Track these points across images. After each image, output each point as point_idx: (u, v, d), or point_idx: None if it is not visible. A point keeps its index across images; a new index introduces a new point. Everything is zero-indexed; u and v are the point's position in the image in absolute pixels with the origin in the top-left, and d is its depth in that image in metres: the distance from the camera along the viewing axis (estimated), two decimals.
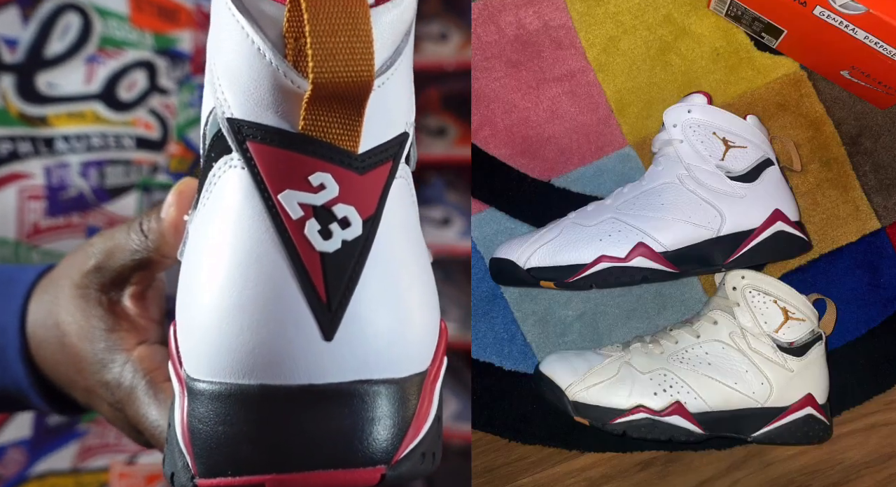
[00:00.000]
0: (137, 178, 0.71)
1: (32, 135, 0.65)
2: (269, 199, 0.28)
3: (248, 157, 0.28)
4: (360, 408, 0.28)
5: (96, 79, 0.68)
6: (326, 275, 0.28)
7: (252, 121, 0.28)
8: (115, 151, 0.69)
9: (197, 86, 0.77)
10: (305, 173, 0.28)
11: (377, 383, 0.28)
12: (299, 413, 0.27)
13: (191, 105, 0.76)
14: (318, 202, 0.28)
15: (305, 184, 0.28)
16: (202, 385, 0.28)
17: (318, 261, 0.28)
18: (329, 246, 0.28)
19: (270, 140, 0.28)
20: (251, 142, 0.28)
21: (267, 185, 0.28)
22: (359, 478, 0.28)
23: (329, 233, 0.28)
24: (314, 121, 0.27)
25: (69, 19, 0.66)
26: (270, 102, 0.27)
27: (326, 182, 0.28)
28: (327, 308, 0.28)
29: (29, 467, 0.69)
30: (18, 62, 0.64)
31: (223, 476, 0.28)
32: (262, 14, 0.27)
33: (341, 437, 0.28)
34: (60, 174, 0.67)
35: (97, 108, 0.68)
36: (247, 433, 0.27)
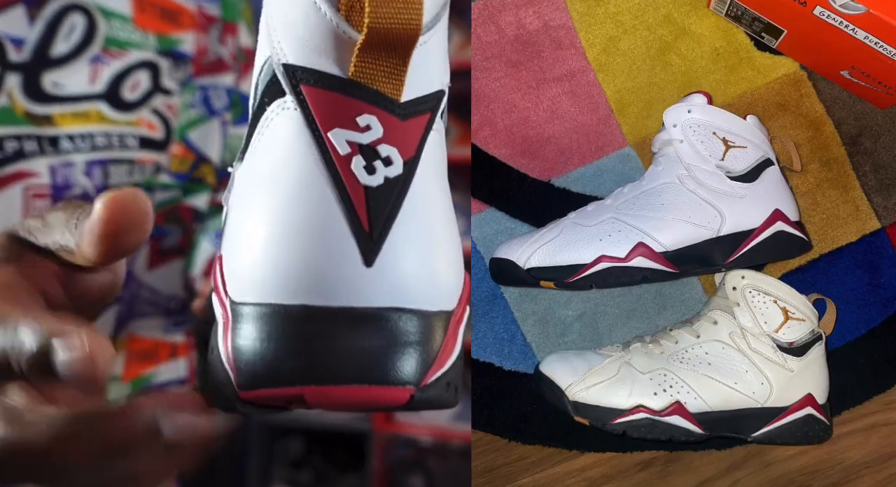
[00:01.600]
0: (141, 178, 0.71)
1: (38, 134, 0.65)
2: (320, 137, 0.30)
3: (301, 99, 0.30)
4: (393, 333, 0.30)
5: (101, 79, 0.68)
6: (370, 207, 0.30)
7: (306, 66, 0.30)
8: (119, 151, 0.69)
9: (198, 87, 0.77)
10: (353, 114, 0.30)
11: (409, 312, 0.30)
12: (337, 333, 0.29)
13: (192, 106, 0.76)
14: (364, 141, 0.30)
15: (353, 124, 0.30)
16: (248, 307, 0.30)
17: (362, 194, 0.30)
18: (373, 181, 0.30)
19: (322, 83, 0.30)
20: (304, 85, 0.30)
21: (318, 124, 0.30)
22: (390, 395, 0.30)
23: (373, 169, 0.30)
24: (363, 68, 0.30)
25: (74, 19, 0.67)
26: (323, 50, 0.30)
27: (372, 123, 0.30)
28: (369, 237, 0.30)
29: None
30: (25, 61, 0.64)
31: (264, 388, 0.30)
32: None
33: (376, 357, 0.30)
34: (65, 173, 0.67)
35: (101, 108, 0.68)
36: (288, 349, 0.29)
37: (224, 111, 0.81)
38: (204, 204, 0.80)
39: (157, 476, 0.31)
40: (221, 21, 0.79)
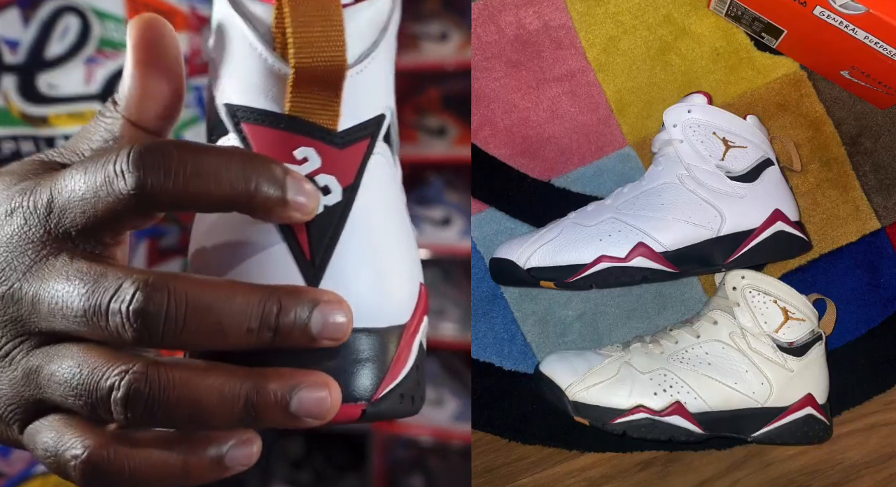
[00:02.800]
0: None
1: (34, 135, 0.66)
2: None
3: (243, 137, 0.32)
4: (343, 352, 0.32)
5: (95, 79, 0.68)
6: (311, 235, 0.32)
7: (246, 105, 0.32)
8: None
9: (193, 87, 0.77)
10: (291, 148, 0.32)
11: (358, 331, 0.32)
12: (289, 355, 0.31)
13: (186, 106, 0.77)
14: (302, 172, 0.32)
15: (291, 157, 0.32)
16: None
17: (302, 223, 0.32)
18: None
19: (262, 120, 0.32)
20: (245, 123, 0.32)
21: None
22: (342, 412, 0.31)
23: None
24: (298, 102, 0.32)
25: (68, 21, 0.67)
26: (262, 88, 0.32)
27: (310, 155, 0.32)
28: (311, 264, 0.32)
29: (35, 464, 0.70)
30: (20, 63, 0.65)
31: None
32: (253, 14, 0.32)
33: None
34: None
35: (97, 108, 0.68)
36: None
37: None
38: None
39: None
40: None
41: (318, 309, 0.30)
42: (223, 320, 0.29)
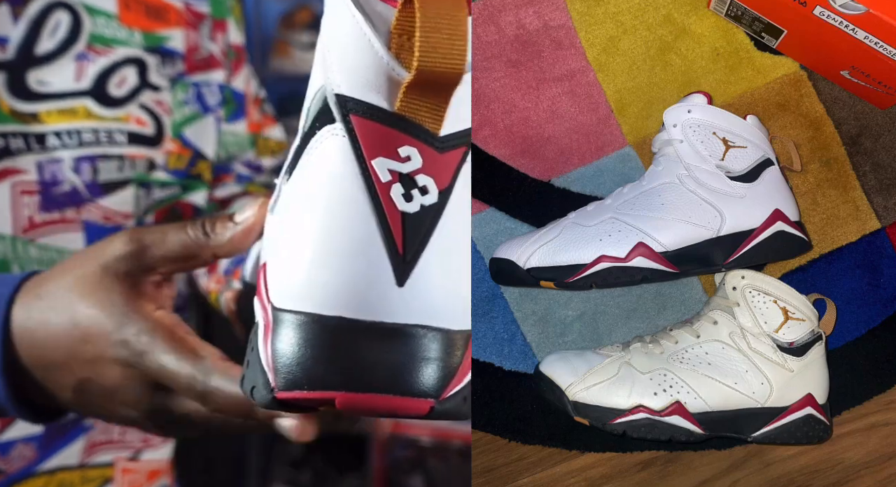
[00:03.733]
0: (131, 173, 0.71)
1: (24, 132, 0.65)
2: (364, 164, 0.33)
3: (350, 128, 0.33)
4: (418, 348, 0.33)
5: (86, 75, 0.68)
6: (405, 231, 0.33)
7: (357, 97, 0.33)
8: (108, 146, 0.69)
9: (192, 84, 0.77)
10: (396, 145, 0.33)
11: (434, 330, 0.33)
12: (369, 345, 0.32)
13: (185, 103, 0.76)
14: (405, 170, 0.33)
15: (395, 154, 0.33)
16: (288, 314, 0.33)
17: (399, 219, 0.33)
18: (409, 208, 0.33)
19: (370, 115, 0.33)
20: (354, 115, 0.33)
21: (363, 152, 0.33)
22: (413, 406, 0.33)
23: (410, 197, 0.33)
24: (409, 103, 0.33)
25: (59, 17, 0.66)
26: (374, 84, 0.33)
27: (412, 155, 0.33)
28: (402, 259, 0.33)
29: (39, 463, 0.69)
30: (9, 60, 0.64)
31: (300, 390, 0.32)
32: (375, 12, 0.33)
33: (401, 370, 0.32)
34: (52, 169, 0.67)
35: (88, 105, 0.68)
36: (323, 355, 0.32)
37: (217, 107, 0.81)
38: (202, 200, 0.80)
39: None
40: (211, 18, 0.79)
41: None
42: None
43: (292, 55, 1.85)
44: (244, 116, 0.86)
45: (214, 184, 0.84)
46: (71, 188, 0.68)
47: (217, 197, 0.84)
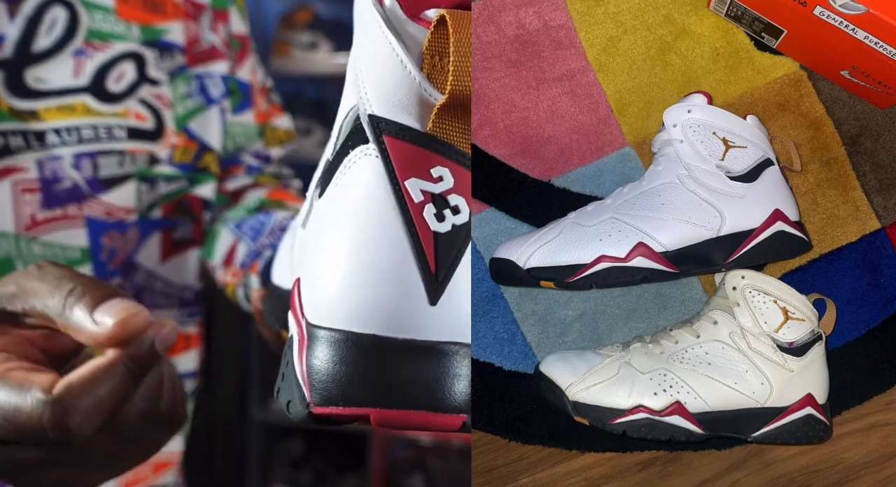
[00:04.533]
0: (132, 168, 0.71)
1: (23, 130, 0.65)
2: (397, 184, 0.34)
3: (383, 148, 0.34)
4: (450, 365, 0.33)
5: (84, 72, 0.68)
6: (437, 251, 0.33)
7: (389, 118, 0.34)
8: (107, 142, 0.69)
9: (194, 76, 0.77)
10: (428, 166, 0.34)
11: (466, 346, 0.34)
12: (402, 362, 0.33)
13: (188, 96, 0.76)
14: (437, 190, 0.34)
15: (427, 174, 0.34)
16: (323, 331, 0.34)
17: (431, 239, 0.33)
18: (441, 228, 0.34)
19: (403, 136, 0.34)
20: (386, 135, 0.34)
21: (396, 172, 0.34)
22: (446, 422, 0.33)
23: (443, 217, 0.34)
24: (440, 124, 0.33)
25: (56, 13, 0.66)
26: (406, 105, 0.33)
27: (444, 175, 0.34)
28: (435, 278, 0.33)
29: None
30: (6, 58, 0.64)
31: (335, 406, 0.33)
32: (407, 33, 0.33)
33: (434, 386, 0.33)
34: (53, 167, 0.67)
35: (87, 101, 0.68)
36: (358, 372, 0.33)
37: (222, 99, 0.81)
38: (210, 193, 0.80)
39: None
40: (211, 9, 0.79)
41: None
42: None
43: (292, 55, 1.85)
44: (251, 106, 0.86)
45: (224, 176, 0.84)
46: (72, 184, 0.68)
47: (228, 189, 0.84)
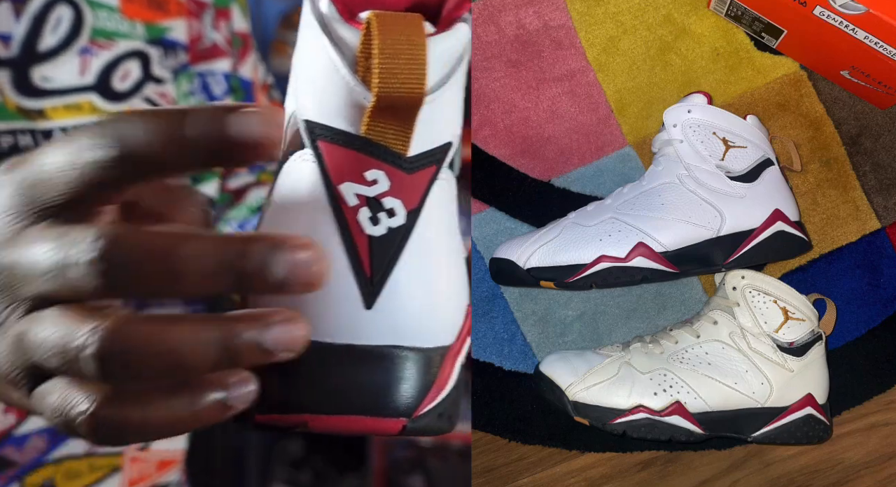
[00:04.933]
0: None
1: (32, 129, 0.66)
2: (331, 188, 0.33)
3: (318, 153, 0.34)
4: (389, 369, 0.33)
5: (90, 70, 0.68)
6: (372, 254, 0.33)
7: (324, 123, 0.34)
8: None
9: (196, 74, 0.77)
10: (363, 169, 0.33)
11: (406, 349, 0.33)
12: (339, 367, 0.33)
13: (191, 94, 0.76)
14: (371, 194, 0.33)
15: (362, 178, 0.33)
16: None
17: (366, 242, 0.33)
18: (376, 231, 0.33)
19: (337, 140, 0.33)
20: (321, 140, 0.34)
21: (330, 177, 0.33)
22: (384, 426, 0.33)
23: (377, 220, 0.33)
24: (374, 127, 0.33)
25: (61, 12, 0.67)
26: (340, 108, 0.33)
27: (379, 178, 0.33)
28: (370, 281, 0.33)
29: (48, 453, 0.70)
30: (12, 57, 0.65)
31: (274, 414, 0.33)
32: (341, 37, 0.33)
33: (372, 390, 0.33)
34: None
35: (93, 99, 0.68)
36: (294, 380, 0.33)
37: (224, 96, 0.81)
38: (213, 191, 0.80)
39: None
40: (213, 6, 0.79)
41: (281, 251, 0.29)
42: (178, 264, 0.28)
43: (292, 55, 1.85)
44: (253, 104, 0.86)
45: (226, 174, 0.84)
46: None
47: (230, 187, 0.84)
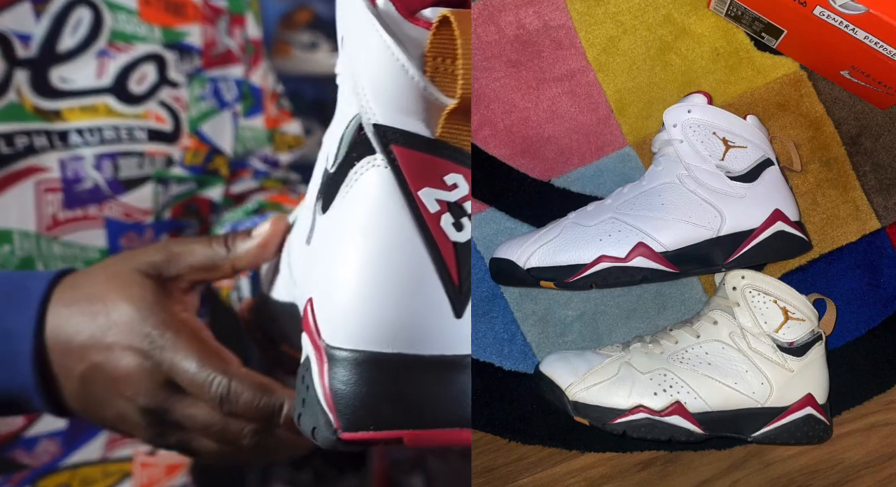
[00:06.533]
0: (151, 170, 0.71)
1: (47, 129, 0.66)
2: (410, 195, 0.32)
3: (392, 158, 0.32)
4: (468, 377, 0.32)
5: (107, 72, 0.68)
6: (459, 262, 0.32)
7: (396, 126, 0.32)
8: (128, 144, 0.69)
9: (209, 79, 0.77)
10: (441, 173, 0.32)
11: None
12: (431, 379, 0.32)
13: (202, 98, 0.77)
14: (452, 199, 0.32)
15: (441, 182, 0.32)
16: (345, 353, 0.32)
17: (451, 249, 0.32)
18: (461, 237, 0.32)
19: (412, 144, 0.32)
20: (394, 145, 0.32)
21: (408, 183, 0.32)
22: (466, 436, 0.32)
23: (461, 226, 0.32)
24: (450, 129, 0.32)
25: (80, 14, 0.67)
26: (411, 110, 0.32)
27: (459, 182, 0.33)
28: (458, 290, 0.32)
29: (63, 458, 0.69)
30: (32, 57, 0.65)
31: (365, 431, 0.32)
32: (406, 36, 0.32)
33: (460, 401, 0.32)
34: (75, 167, 0.67)
35: (109, 102, 0.69)
36: (386, 394, 0.32)
37: (235, 103, 0.81)
38: (219, 195, 0.80)
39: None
40: (228, 13, 0.80)
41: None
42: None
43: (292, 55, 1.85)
44: (261, 111, 0.86)
45: (231, 179, 0.84)
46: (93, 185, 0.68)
47: (233, 192, 0.84)
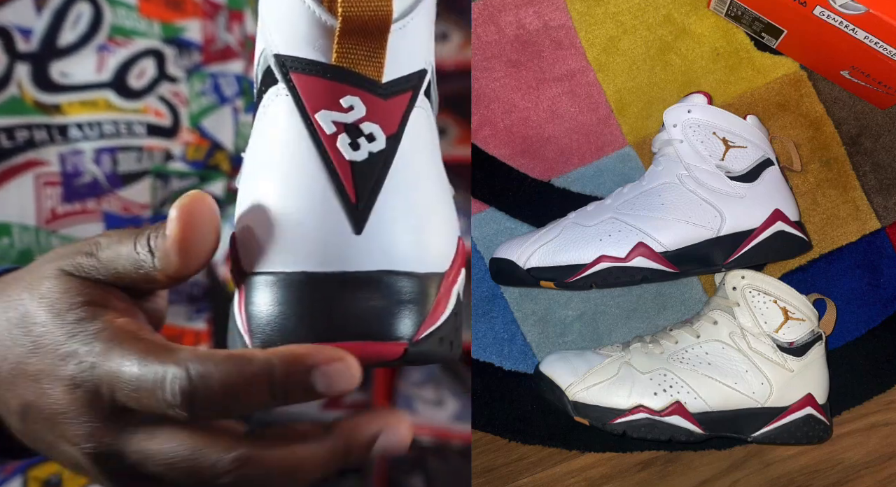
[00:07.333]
0: (150, 165, 0.72)
1: (47, 123, 0.66)
2: (308, 118, 0.33)
3: (291, 85, 0.34)
4: (385, 293, 0.33)
5: (107, 67, 0.69)
6: (356, 180, 0.33)
7: (294, 55, 0.34)
8: (127, 138, 0.70)
9: (209, 75, 0.77)
10: (337, 97, 0.34)
11: (400, 274, 0.33)
12: (335, 295, 0.33)
13: (203, 94, 0.77)
14: (349, 120, 0.34)
15: (337, 105, 0.33)
16: (257, 277, 0.34)
17: (348, 168, 0.33)
18: (357, 156, 0.33)
19: (309, 70, 0.34)
20: (293, 72, 0.34)
21: (306, 107, 0.34)
22: (386, 350, 0.33)
23: (357, 146, 0.33)
24: (344, 53, 0.33)
25: (81, 8, 0.67)
26: (309, 39, 0.33)
27: (355, 104, 0.34)
28: (356, 207, 0.33)
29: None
30: (33, 51, 0.65)
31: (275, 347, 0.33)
32: None
33: (371, 316, 0.33)
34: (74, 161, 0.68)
35: (109, 96, 0.69)
36: (293, 311, 0.33)
37: (235, 98, 0.81)
38: (220, 191, 0.81)
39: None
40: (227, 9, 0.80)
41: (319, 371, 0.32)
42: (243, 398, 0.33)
43: None
44: None
45: (233, 174, 0.85)
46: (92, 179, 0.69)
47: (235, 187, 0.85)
